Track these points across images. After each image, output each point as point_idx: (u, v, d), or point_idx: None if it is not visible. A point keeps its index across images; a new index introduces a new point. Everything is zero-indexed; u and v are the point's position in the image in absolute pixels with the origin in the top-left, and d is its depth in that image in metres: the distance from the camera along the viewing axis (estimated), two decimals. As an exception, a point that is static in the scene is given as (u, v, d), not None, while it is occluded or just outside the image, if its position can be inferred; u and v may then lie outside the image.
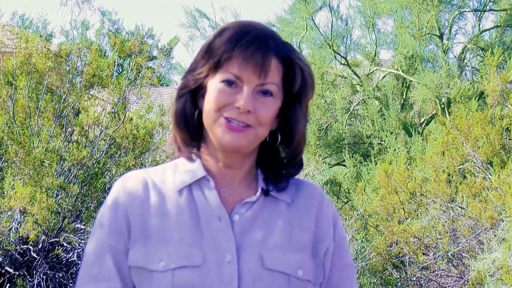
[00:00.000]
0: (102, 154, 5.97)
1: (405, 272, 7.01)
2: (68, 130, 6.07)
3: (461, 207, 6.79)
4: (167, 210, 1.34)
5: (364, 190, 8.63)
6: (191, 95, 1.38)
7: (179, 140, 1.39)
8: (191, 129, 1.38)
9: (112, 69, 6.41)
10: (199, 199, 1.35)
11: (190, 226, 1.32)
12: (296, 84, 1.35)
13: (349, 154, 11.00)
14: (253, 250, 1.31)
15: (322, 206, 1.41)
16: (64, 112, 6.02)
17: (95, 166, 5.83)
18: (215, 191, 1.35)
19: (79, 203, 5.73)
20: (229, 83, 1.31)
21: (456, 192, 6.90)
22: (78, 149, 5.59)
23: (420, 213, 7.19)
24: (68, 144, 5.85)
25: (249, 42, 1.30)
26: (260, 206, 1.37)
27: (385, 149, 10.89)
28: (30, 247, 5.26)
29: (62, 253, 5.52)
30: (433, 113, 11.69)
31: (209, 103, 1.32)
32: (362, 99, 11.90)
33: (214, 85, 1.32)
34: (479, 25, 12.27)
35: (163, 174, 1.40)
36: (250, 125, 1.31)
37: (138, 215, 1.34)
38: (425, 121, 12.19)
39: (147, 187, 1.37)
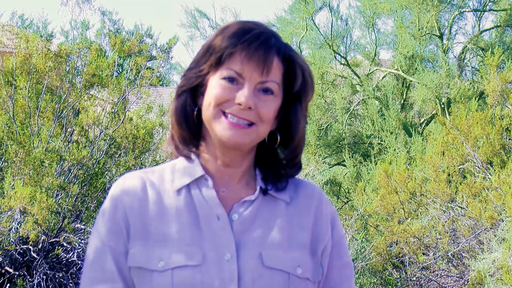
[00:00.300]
0: (102, 154, 5.97)
1: (405, 272, 7.00)
2: (68, 130, 6.07)
3: (461, 207, 6.79)
4: (166, 210, 1.34)
5: (364, 190, 8.62)
6: (191, 93, 1.38)
7: (178, 138, 1.39)
8: (190, 126, 1.38)
9: (112, 69, 6.40)
10: (197, 199, 1.35)
11: (189, 226, 1.32)
12: (296, 84, 1.36)
13: (349, 154, 10.99)
14: (252, 249, 1.31)
15: (321, 205, 1.41)
16: (64, 112, 6.02)
17: (95, 166, 5.83)
18: (213, 190, 1.35)
19: (79, 203, 5.73)
20: (230, 79, 1.31)
21: (456, 192, 6.90)
22: (78, 149, 5.59)
23: (420, 213, 7.19)
24: (68, 144, 5.85)
25: (252, 39, 1.31)
26: (259, 205, 1.37)
27: (385, 149, 10.89)
28: (30, 247, 5.26)
29: (62, 253, 5.52)
30: (433, 113, 11.69)
31: (209, 98, 1.33)
32: (362, 99, 11.89)
33: (215, 81, 1.33)
34: (479, 25, 12.27)
35: (162, 174, 1.40)
36: (253, 122, 1.31)
37: (137, 215, 1.34)
38: (425, 121, 12.18)
39: (145, 187, 1.37)
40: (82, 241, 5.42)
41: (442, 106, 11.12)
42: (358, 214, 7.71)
